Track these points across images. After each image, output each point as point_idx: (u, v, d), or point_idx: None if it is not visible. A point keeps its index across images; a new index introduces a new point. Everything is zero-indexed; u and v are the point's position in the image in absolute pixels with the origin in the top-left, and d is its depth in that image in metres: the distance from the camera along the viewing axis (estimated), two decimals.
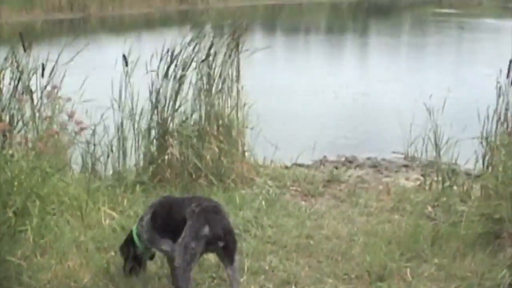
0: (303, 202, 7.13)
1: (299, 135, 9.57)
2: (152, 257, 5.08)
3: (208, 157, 7.22)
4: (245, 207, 6.59)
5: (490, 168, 6.47)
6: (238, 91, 7.65)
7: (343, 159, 9.30)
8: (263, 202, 6.81)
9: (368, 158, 9.29)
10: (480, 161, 6.99)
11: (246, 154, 7.86)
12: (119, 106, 7.22)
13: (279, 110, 10.37)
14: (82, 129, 6.70)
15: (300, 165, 8.75)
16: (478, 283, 4.97)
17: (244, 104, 7.77)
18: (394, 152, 9.22)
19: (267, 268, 5.34)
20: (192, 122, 7.44)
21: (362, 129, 10.90)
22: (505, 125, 6.33)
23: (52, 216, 5.76)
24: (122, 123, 7.27)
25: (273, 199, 6.97)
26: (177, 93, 7.28)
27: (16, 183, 5.26)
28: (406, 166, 8.76)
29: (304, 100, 12.38)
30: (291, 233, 6.03)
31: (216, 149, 7.28)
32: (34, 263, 5.15)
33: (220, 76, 7.53)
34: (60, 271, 5.06)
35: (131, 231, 4.95)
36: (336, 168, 8.67)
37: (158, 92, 7.21)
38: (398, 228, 6.10)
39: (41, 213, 5.58)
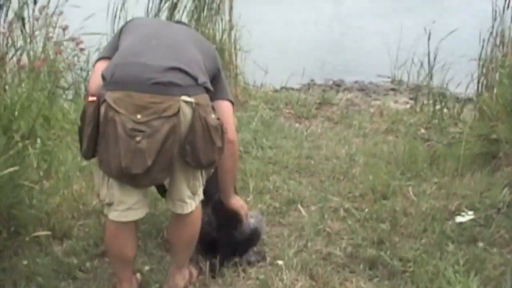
0: (297, 124, 7.08)
1: (287, 60, 9.41)
2: None
3: None
4: (243, 128, 6.50)
5: (485, 90, 6.42)
6: (230, 14, 7.42)
7: (330, 82, 9.19)
8: (259, 124, 6.73)
9: (356, 82, 9.20)
10: (471, 84, 6.93)
11: (239, 77, 7.71)
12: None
13: (269, 36, 10.14)
14: (81, 49, 6.46)
15: (289, 89, 8.62)
16: (478, 201, 4.96)
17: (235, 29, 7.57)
18: (380, 76, 9.12)
19: (271, 187, 5.30)
20: None
21: (348, 53, 10.75)
22: (501, 48, 6.24)
23: (54, 140, 5.60)
24: None
25: (269, 122, 6.90)
26: (171, 15, 7.05)
27: (18, 107, 5.08)
28: (393, 89, 8.70)
29: (294, 27, 12.12)
30: (291, 154, 5.98)
31: None
32: (41, 188, 5.02)
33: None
34: (68, 194, 4.94)
35: None
36: (324, 91, 8.57)
37: (155, 16, 6.97)
38: (395, 149, 6.08)
39: (44, 138, 5.44)
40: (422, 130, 6.70)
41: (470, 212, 4.67)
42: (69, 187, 5.07)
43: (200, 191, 3.66)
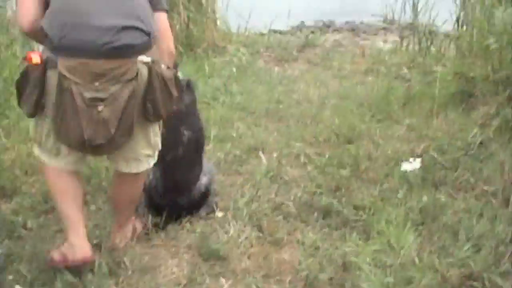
0: (276, 68, 6.74)
1: (274, 1, 8.96)
2: None
3: (177, 26, 6.69)
4: (215, 74, 6.19)
5: (464, 27, 5.97)
6: None
7: (320, 24, 8.76)
8: (234, 70, 6.42)
9: (347, 22, 8.78)
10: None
11: (218, 22, 7.32)
12: None
13: None
14: None
15: (276, 32, 8.24)
16: (448, 142, 4.61)
17: None
18: (373, 15, 8.66)
19: (234, 135, 4.99)
20: None
21: None
22: None
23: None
24: None
25: (245, 66, 6.56)
26: None
27: None
28: (384, 29, 8.29)
29: None
30: (260, 99, 5.66)
31: (185, 18, 6.74)
32: None
33: None
34: (23, 150, 4.67)
35: None
36: (313, 33, 8.19)
37: None
38: (371, 90, 5.74)
39: (4, 94, 5.18)
40: (405, 70, 6.31)
41: (418, 160, 4.31)
42: (27, 143, 4.79)
43: (160, 145, 3.42)
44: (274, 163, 4.53)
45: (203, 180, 3.89)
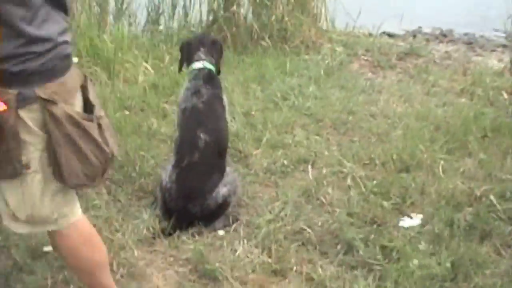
0: (369, 74, 6.26)
1: (391, 1, 8.40)
2: None
3: (273, 18, 6.39)
4: (296, 73, 5.82)
5: None
6: None
7: (437, 32, 8.09)
8: (321, 71, 5.99)
9: (465, 34, 8.04)
10: None
11: (321, 18, 6.92)
12: None
13: None
14: None
15: (388, 34, 7.70)
16: None
17: None
18: (496, 30, 7.89)
19: (290, 142, 4.63)
20: None
21: (466, 2, 9.42)
22: None
23: (88, 68, 5.27)
24: None
25: (335, 68, 6.13)
26: None
27: None
28: (504, 46, 7.47)
29: None
30: (333, 107, 5.24)
31: (282, 10, 6.41)
32: None
33: None
34: None
35: None
36: (428, 40, 7.59)
37: None
38: (457, 113, 5.13)
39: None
40: (504, 96, 5.62)
41: (419, 215, 3.78)
42: None
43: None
44: (318, 181, 4.14)
45: (222, 190, 3.61)
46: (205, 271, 3.31)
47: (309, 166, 4.38)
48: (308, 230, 3.65)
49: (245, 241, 3.55)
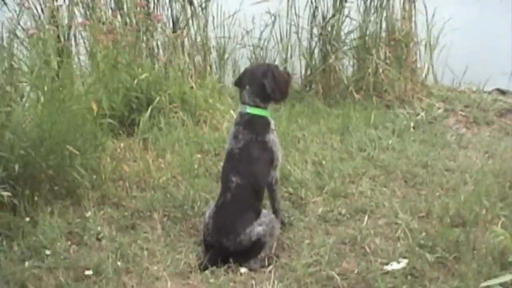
0: (463, 130, 6.14)
1: (501, 58, 8.14)
2: None
3: (369, 71, 6.50)
4: (380, 127, 5.86)
5: None
6: (414, 1, 6.69)
7: None
8: (412, 124, 6.00)
9: None
10: None
11: (423, 73, 6.92)
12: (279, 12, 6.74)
13: (473, 28, 8.91)
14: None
15: (501, 91, 7.48)
16: None
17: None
18: None
19: (353, 191, 4.70)
20: (358, 33, 6.72)
21: None
22: None
23: (174, 113, 5.66)
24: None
25: (424, 122, 6.09)
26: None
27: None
28: None
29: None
30: (408, 160, 5.23)
31: (379, 63, 6.51)
32: (129, 156, 5.14)
33: None
34: (146, 166, 4.96)
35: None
36: None
37: None
38: None
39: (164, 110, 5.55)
40: None
41: (405, 260, 3.71)
42: (157, 159, 5.11)
43: None
44: (369, 231, 4.17)
45: (257, 229, 3.77)
46: None
47: (366, 216, 4.39)
48: (349, 276, 3.70)
49: (276, 282, 3.65)
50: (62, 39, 6.02)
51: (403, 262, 3.75)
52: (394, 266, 3.73)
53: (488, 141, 5.76)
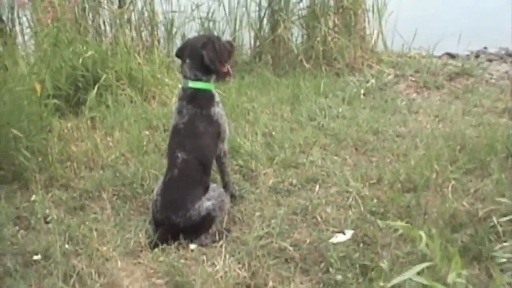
0: (414, 95, 6.14)
1: (450, 21, 8.17)
2: None
3: (318, 39, 6.43)
4: (330, 95, 5.82)
5: None
6: None
7: (503, 52, 7.82)
8: (362, 91, 5.97)
9: None
10: None
11: (372, 40, 6.89)
12: None
13: None
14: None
15: (450, 55, 7.52)
16: None
17: None
18: None
19: (304, 161, 4.65)
20: (307, 2, 6.64)
21: None
22: None
23: (122, 90, 5.54)
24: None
25: (375, 89, 6.07)
26: None
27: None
28: None
29: None
30: (359, 127, 5.21)
31: (327, 31, 6.45)
32: (76, 136, 5.02)
33: None
34: (94, 145, 4.85)
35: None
36: (490, 61, 7.38)
37: None
38: (490, 133, 4.94)
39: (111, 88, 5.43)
40: None
41: (350, 232, 3.71)
42: (106, 138, 5.01)
43: None
44: (322, 199, 4.14)
45: (206, 203, 3.71)
46: (177, 284, 3.39)
47: (317, 186, 4.36)
48: (300, 246, 3.67)
49: (227, 256, 3.60)
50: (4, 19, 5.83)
51: (348, 234, 3.71)
52: (339, 238, 3.67)
53: (438, 105, 5.77)
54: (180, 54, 3.93)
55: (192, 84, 3.83)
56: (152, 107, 5.55)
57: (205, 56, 3.78)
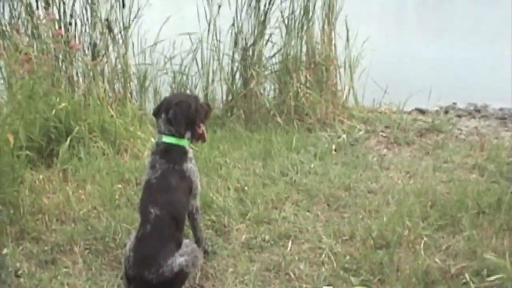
0: (384, 150, 6.23)
1: (420, 77, 8.40)
2: None
3: (290, 94, 6.54)
4: (302, 150, 5.91)
5: None
6: (333, 25, 6.79)
7: (471, 107, 8.03)
8: (334, 146, 6.08)
9: (501, 109, 7.93)
10: None
11: (344, 95, 7.04)
12: (201, 39, 6.75)
13: (391, 49, 9.19)
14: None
15: (420, 111, 7.71)
16: (496, 268, 3.89)
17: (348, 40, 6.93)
18: None
19: (277, 217, 4.68)
20: (280, 58, 6.77)
21: (497, 75, 9.25)
22: None
23: (94, 143, 5.56)
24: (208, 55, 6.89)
25: (346, 144, 6.17)
26: (263, 24, 6.62)
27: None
28: None
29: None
30: (332, 183, 5.27)
31: (300, 87, 6.57)
32: (48, 188, 5.00)
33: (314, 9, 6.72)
34: (66, 197, 4.84)
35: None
36: (460, 116, 7.55)
37: (241, 25, 6.62)
38: (460, 189, 5.03)
39: (83, 140, 5.45)
40: None
41: None
42: (78, 191, 4.99)
43: None
44: (294, 256, 4.17)
45: (179, 259, 3.70)
46: None
47: (290, 242, 4.39)
48: None
49: None
50: None
51: None
52: None
53: (409, 161, 5.87)
54: (156, 111, 3.98)
55: (166, 139, 3.86)
56: (124, 160, 5.56)
57: (171, 112, 3.83)
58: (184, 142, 3.94)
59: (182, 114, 3.87)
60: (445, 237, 4.41)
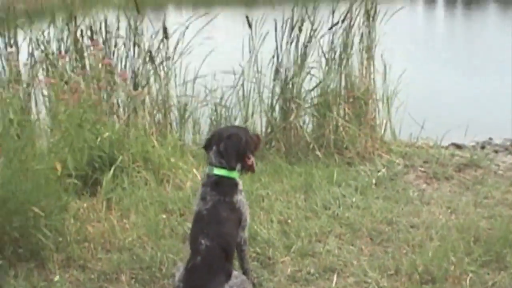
0: (424, 185, 6.25)
1: (455, 112, 8.44)
2: None
3: (329, 128, 6.60)
4: (343, 184, 5.93)
5: None
6: (372, 60, 6.86)
7: (508, 143, 8.03)
8: (374, 181, 6.09)
9: None
10: None
11: (382, 129, 7.08)
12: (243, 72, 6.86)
13: (426, 84, 9.22)
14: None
15: (456, 146, 7.73)
16: None
17: (385, 75, 7.01)
18: None
19: (321, 250, 4.72)
20: (319, 91, 6.85)
21: None
22: None
23: (137, 173, 5.64)
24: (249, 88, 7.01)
25: (386, 179, 6.19)
26: (303, 57, 6.71)
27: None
28: None
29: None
30: (373, 217, 5.29)
31: (340, 121, 6.63)
32: (93, 217, 5.09)
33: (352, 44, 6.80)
34: (111, 226, 4.92)
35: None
36: (496, 152, 7.55)
37: (281, 58, 6.72)
38: (503, 226, 5.03)
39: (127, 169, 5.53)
40: None
41: None
42: (122, 219, 5.11)
43: None
44: None
45: None
46: None
47: (335, 276, 4.41)
48: None
49: None
50: (22, 97, 5.98)
51: None
52: None
53: (449, 196, 5.87)
54: (207, 144, 4.05)
55: (217, 171, 3.93)
56: (167, 190, 5.63)
57: (223, 145, 3.89)
58: (235, 174, 4.00)
59: (233, 147, 3.93)
60: (491, 273, 4.39)
